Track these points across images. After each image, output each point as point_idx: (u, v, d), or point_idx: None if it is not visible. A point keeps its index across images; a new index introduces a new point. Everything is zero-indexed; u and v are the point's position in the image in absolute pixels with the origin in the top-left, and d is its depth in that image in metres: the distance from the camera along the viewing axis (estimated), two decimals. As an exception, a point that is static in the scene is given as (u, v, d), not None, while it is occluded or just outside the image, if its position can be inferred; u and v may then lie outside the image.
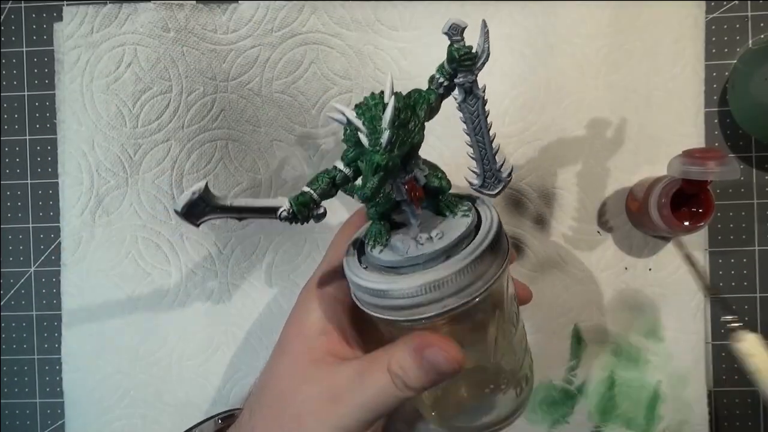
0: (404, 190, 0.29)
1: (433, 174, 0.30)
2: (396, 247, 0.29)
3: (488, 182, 0.30)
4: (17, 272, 0.48)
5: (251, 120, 0.45)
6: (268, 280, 0.46)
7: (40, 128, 0.47)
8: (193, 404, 0.46)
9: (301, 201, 0.28)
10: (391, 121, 0.27)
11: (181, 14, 0.44)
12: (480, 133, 0.29)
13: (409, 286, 0.27)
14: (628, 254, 0.45)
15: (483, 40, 0.28)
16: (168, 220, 0.46)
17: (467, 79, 0.28)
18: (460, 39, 0.27)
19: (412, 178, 0.29)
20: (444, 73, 0.28)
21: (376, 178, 0.27)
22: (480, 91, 0.28)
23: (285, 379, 0.31)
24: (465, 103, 0.29)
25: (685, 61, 0.44)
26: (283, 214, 0.28)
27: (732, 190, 0.45)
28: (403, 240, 0.29)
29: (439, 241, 0.28)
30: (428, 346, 0.27)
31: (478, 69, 0.28)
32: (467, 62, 0.28)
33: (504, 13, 0.44)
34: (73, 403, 0.46)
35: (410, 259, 0.28)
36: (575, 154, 0.45)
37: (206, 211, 0.26)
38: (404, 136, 0.27)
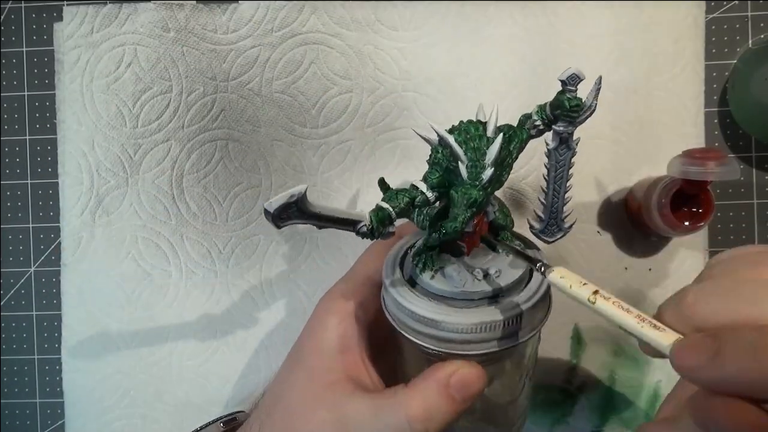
0: (473, 223, 0.28)
1: (500, 210, 0.30)
2: (451, 277, 0.28)
3: (549, 229, 0.30)
4: (17, 272, 0.48)
5: (251, 120, 0.45)
6: (268, 280, 0.46)
7: (40, 128, 0.48)
8: (193, 404, 0.46)
9: (380, 217, 0.27)
10: (496, 159, 0.26)
11: (181, 14, 0.44)
12: (560, 183, 0.29)
13: (464, 322, 0.26)
14: (628, 254, 0.45)
15: (593, 97, 0.27)
16: (168, 220, 0.46)
17: (567, 129, 0.28)
18: (574, 90, 0.27)
19: (483, 213, 0.28)
20: (543, 116, 0.28)
21: (469, 212, 0.26)
22: (574, 143, 0.28)
23: (298, 398, 0.30)
24: (556, 150, 0.28)
25: (685, 61, 0.44)
26: (363, 229, 0.27)
27: (732, 190, 0.45)
28: (459, 271, 0.28)
29: (496, 279, 0.28)
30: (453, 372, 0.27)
31: (580, 122, 0.28)
32: (573, 114, 0.27)
33: (504, 14, 0.44)
34: (73, 403, 0.46)
35: (466, 293, 0.28)
36: (575, 154, 0.45)
37: (294, 215, 0.25)
38: (500, 174, 0.27)
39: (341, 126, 0.45)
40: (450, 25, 0.44)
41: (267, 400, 0.33)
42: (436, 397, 0.26)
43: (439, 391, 0.26)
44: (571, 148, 0.28)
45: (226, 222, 0.46)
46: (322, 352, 0.30)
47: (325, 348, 0.30)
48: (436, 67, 0.45)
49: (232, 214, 0.45)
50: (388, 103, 0.45)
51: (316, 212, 0.25)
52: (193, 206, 0.45)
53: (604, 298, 0.23)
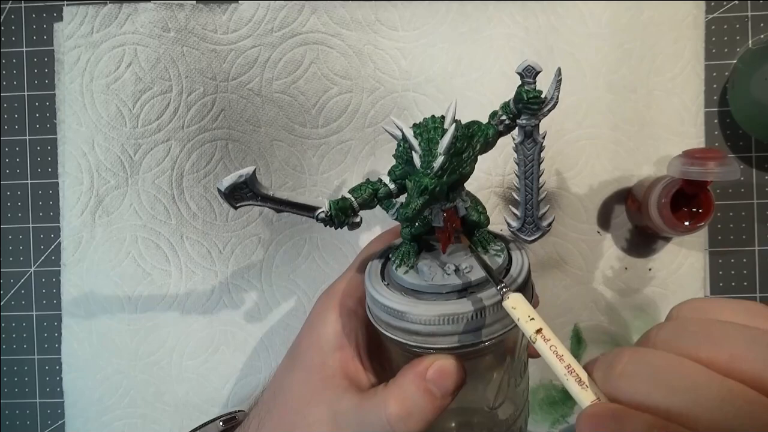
0: (442, 217, 0.29)
1: (473, 207, 0.30)
2: (422, 271, 0.29)
3: (527, 228, 0.30)
4: (17, 272, 0.48)
5: (251, 120, 0.45)
6: (268, 280, 0.46)
7: (40, 128, 0.48)
8: (193, 404, 0.46)
9: (341, 206, 0.28)
10: (447, 148, 0.27)
11: (181, 14, 0.44)
12: (530, 178, 0.29)
13: (427, 313, 0.26)
14: (628, 254, 0.45)
15: (554, 88, 0.27)
16: (168, 220, 0.46)
17: (530, 122, 0.28)
18: (532, 81, 0.27)
19: (452, 207, 0.29)
20: (507, 111, 0.28)
21: (421, 200, 0.27)
22: (540, 137, 0.28)
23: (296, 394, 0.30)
24: (522, 145, 0.28)
25: (685, 61, 0.44)
26: (321, 215, 0.28)
27: (732, 190, 0.45)
28: (431, 266, 0.29)
29: (466, 274, 0.28)
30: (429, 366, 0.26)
31: (543, 115, 0.28)
32: (534, 106, 0.27)
33: (504, 13, 0.44)
34: (73, 403, 0.46)
35: (434, 286, 0.28)
36: (575, 154, 0.45)
37: (248, 197, 0.27)
38: (456, 165, 0.27)
39: (341, 126, 0.45)
40: (450, 25, 0.44)
41: (266, 396, 0.33)
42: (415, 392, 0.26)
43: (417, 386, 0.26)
44: (537, 142, 0.28)
45: (226, 222, 0.46)
46: (320, 349, 0.31)
47: (323, 344, 0.31)
48: (436, 67, 0.45)
49: (232, 214, 0.45)
50: (388, 103, 0.45)
51: (269, 194, 0.27)
52: (193, 206, 0.45)
53: (544, 340, 0.23)
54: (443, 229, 0.29)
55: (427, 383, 0.26)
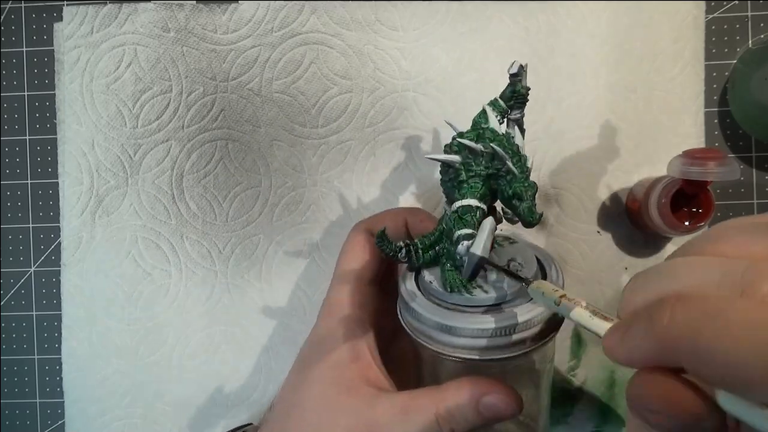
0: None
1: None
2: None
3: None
4: (17, 272, 0.48)
5: (251, 120, 0.45)
6: (268, 280, 0.46)
7: (40, 128, 0.47)
8: (193, 404, 0.46)
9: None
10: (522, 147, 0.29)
11: (181, 14, 0.44)
12: None
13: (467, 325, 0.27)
14: (628, 254, 0.45)
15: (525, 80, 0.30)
16: (168, 220, 0.46)
17: (522, 113, 0.30)
18: (520, 79, 0.30)
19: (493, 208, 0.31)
20: (500, 110, 0.30)
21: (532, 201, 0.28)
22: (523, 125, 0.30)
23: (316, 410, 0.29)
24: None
25: (685, 61, 0.44)
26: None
27: (732, 190, 0.45)
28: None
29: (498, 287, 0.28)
30: (487, 393, 0.26)
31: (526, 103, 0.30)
32: (522, 99, 0.30)
33: (504, 13, 0.44)
34: (73, 403, 0.46)
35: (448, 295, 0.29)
36: (575, 154, 0.45)
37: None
38: None
39: (341, 126, 0.45)
40: (450, 25, 0.44)
41: (278, 410, 0.31)
42: (467, 406, 0.26)
43: (470, 402, 0.26)
44: (524, 129, 0.30)
45: (226, 222, 0.46)
46: (334, 363, 0.30)
47: (337, 358, 0.30)
48: (436, 67, 0.45)
49: (232, 214, 0.45)
50: (388, 103, 0.45)
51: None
52: (193, 206, 0.45)
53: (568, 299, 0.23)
54: None
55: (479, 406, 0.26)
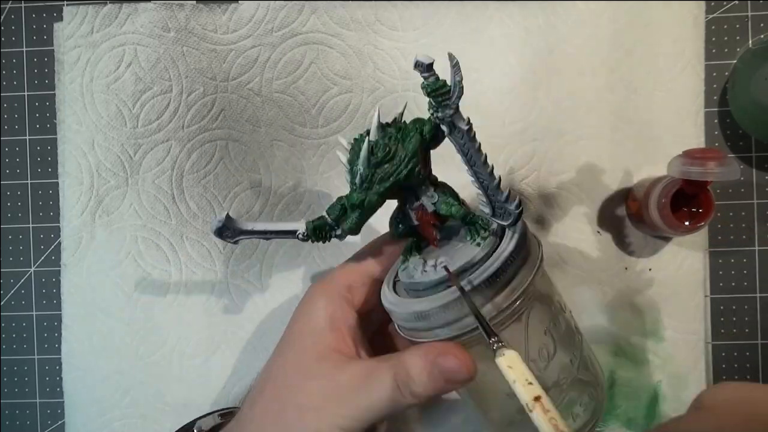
0: (414, 217, 0.30)
1: (443, 201, 0.30)
2: (410, 270, 0.30)
3: (499, 212, 0.29)
4: (17, 272, 0.48)
5: (251, 120, 0.45)
6: (268, 280, 0.46)
7: (40, 128, 0.47)
8: (193, 404, 0.46)
9: (316, 225, 0.31)
10: (364, 161, 0.28)
11: (181, 14, 0.44)
12: (475, 165, 0.28)
13: (403, 311, 0.28)
14: (628, 254, 0.45)
15: (453, 74, 0.27)
16: (168, 220, 0.46)
17: (445, 113, 0.27)
18: (428, 75, 0.27)
19: (419, 205, 0.30)
20: (429, 109, 0.28)
21: (354, 215, 0.29)
22: (463, 124, 0.27)
23: (289, 372, 0.30)
24: (452, 136, 0.28)
25: (685, 61, 0.44)
26: (300, 237, 0.31)
27: (732, 190, 0.45)
28: (416, 264, 0.30)
29: (441, 270, 0.28)
30: (440, 354, 0.27)
31: (455, 102, 0.27)
32: (438, 98, 0.27)
33: (504, 14, 0.44)
34: (73, 403, 0.46)
35: (413, 284, 0.29)
36: (575, 154, 0.45)
37: (234, 234, 0.31)
38: (384, 174, 0.29)
39: (341, 126, 0.45)
40: (450, 25, 0.44)
41: (258, 381, 0.33)
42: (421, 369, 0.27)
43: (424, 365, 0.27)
44: (461, 130, 0.27)
45: (226, 222, 0.46)
46: (312, 331, 0.31)
47: (316, 327, 0.31)
48: (436, 67, 0.44)
49: (232, 214, 0.45)
50: (388, 103, 0.45)
51: (249, 229, 0.31)
52: (193, 206, 0.45)
53: (543, 411, 0.21)
54: (421, 225, 0.31)
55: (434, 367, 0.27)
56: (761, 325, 0.45)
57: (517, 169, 0.45)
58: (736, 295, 0.45)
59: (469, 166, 0.28)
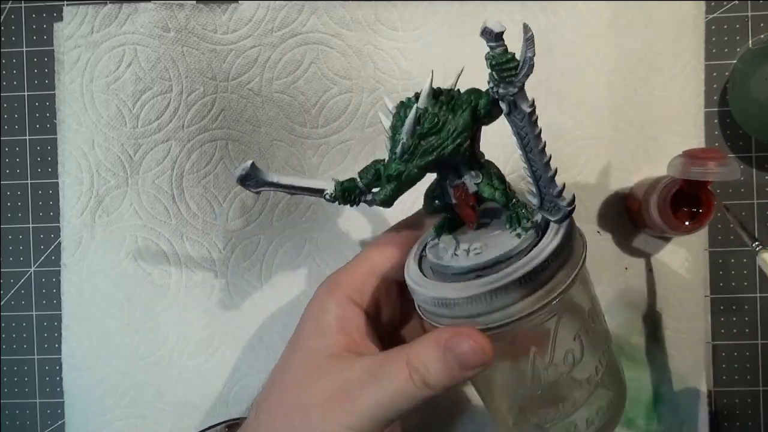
0: (452, 194, 0.28)
1: (486, 183, 0.27)
2: (439, 250, 0.28)
3: (548, 206, 0.26)
4: (17, 272, 0.48)
5: (251, 120, 0.45)
6: (268, 280, 0.46)
7: (40, 128, 0.47)
8: (193, 404, 0.46)
9: (346, 186, 0.28)
10: (409, 131, 0.26)
11: (181, 14, 0.44)
12: (531, 152, 0.25)
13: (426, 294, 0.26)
14: (628, 254, 0.45)
15: (525, 49, 0.24)
16: (168, 220, 0.46)
17: (507, 91, 0.24)
18: (495, 45, 0.24)
19: (461, 183, 0.27)
20: (490, 82, 0.25)
21: (390, 186, 0.27)
22: (526, 106, 0.25)
23: (297, 373, 0.29)
24: (510, 116, 0.25)
25: (685, 61, 0.44)
26: (327, 195, 0.29)
27: (732, 190, 0.45)
28: (448, 245, 0.28)
29: (473, 257, 0.26)
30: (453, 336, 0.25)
31: (521, 80, 0.24)
32: (503, 73, 0.24)
33: (504, 13, 0.44)
34: (73, 403, 0.46)
35: (440, 266, 0.27)
36: (575, 154, 0.45)
37: (257, 184, 0.28)
38: (428, 146, 0.26)
39: (341, 126, 0.45)
40: (450, 25, 0.44)
41: (265, 385, 0.32)
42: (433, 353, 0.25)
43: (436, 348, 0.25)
44: (524, 112, 0.25)
45: (226, 222, 0.46)
46: (322, 333, 0.29)
47: (325, 329, 0.29)
48: (436, 67, 0.44)
49: (232, 214, 0.45)
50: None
51: (274, 181, 0.28)
52: (193, 206, 0.45)
53: None
54: (459, 205, 0.28)
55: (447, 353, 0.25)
56: (761, 325, 0.45)
57: (517, 169, 0.45)
58: (736, 295, 0.45)
59: (524, 151, 0.25)
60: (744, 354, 0.45)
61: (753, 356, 0.45)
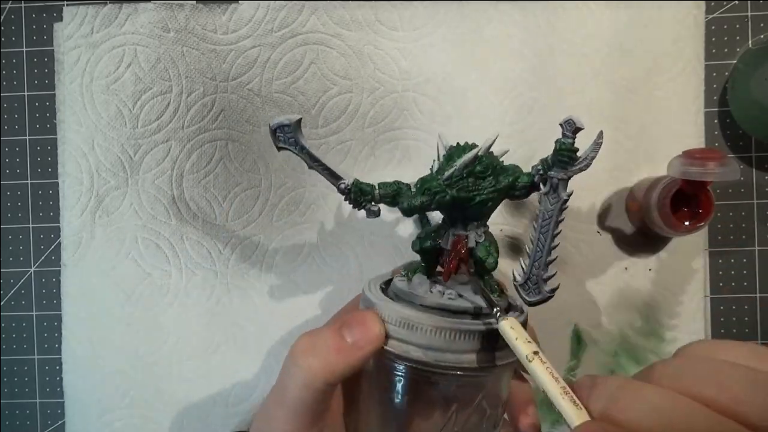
0: (450, 242, 0.30)
1: (485, 245, 0.30)
2: (413, 284, 0.30)
3: (529, 286, 0.29)
4: (17, 272, 0.48)
5: (251, 120, 0.45)
6: (268, 280, 0.46)
7: (40, 128, 0.48)
8: (193, 404, 0.46)
9: (362, 188, 0.30)
10: (464, 163, 0.28)
11: (181, 14, 0.44)
12: (545, 233, 0.29)
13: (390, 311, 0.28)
14: (628, 254, 0.45)
15: (591, 150, 0.28)
16: (168, 220, 0.46)
17: (557, 174, 0.28)
18: (569, 135, 0.28)
19: (464, 235, 0.30)
20: (544, 163, 0.29)
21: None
22: (564, 194, 0.28)
23: None
24: (546, 196, 0.29)
25: (685, 61, 0.44)
26: (342, 186, 0.30)
27: (732, 190, 0.45)
28: (422, 282, 0.30)
29: (447, 299, 0.28)
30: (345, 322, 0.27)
31: (573, 171, 0.28)
32: (565, 158, 0.28)
33: (504, 13, 0.44)
34: (73, 403, 0.46)
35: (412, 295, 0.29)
36: (575, 154, 0.45)
37: (289, 141, 0.30)
38: (470, 186, 0.29)
39: (341, 126, 0.45)
40: (450, 25, 0.44)
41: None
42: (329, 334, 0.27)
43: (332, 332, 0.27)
44: (560, 197, 0.28)
45: (226, 222, 0.46)
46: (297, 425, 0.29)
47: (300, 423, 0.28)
48: (436, 67, 0.45)
49: (232, 214, 0.45)
50: (388, 103, 0.45)
51: (306, 145, 0.30)
52: (193, 206, 0.45)
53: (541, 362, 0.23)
54: (449, 253, 0.30)
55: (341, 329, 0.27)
56: (761, 325, 0.45)
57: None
58: (736, 295, 0.45)
59: (539, 231, 0.29)
60: (744, 354, 0.45)
61: (753, 356, 0.45)
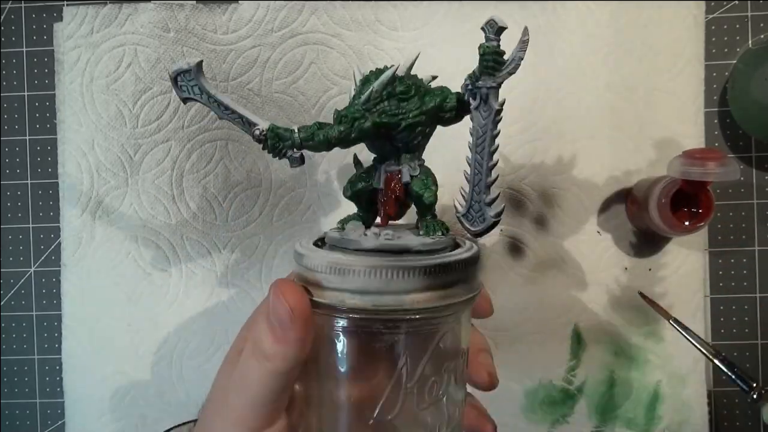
0: (383, 180, 0.27)
1: (421, 179, 0.27)
2: (346, 231, 0.27)
3: (472, 214, 0.26)
4: (17, 272, 0.48)
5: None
6: (268, 280, 0.46)
7: (40, 128, 0.47)
8: (193, 404, 0.46)
9: (279, 133, 0.27)
10: (383, 83, 0.26)
11: (181, 14, 0.44)
12: (481, 152, 0.25)
13: (318, 259, 0.24)
14: (628, 254, 0.45)
15: (518, 49, 0.25)
16: (168, 220, 0.46)
17: (485, 83, 0.25)
18: (493, 38, 0.25)
19: (397, 171, 0.27)
20: (471, 77, 0.25)
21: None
22: (495, 104, 0.25)
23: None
24: (477, 110, 0.25)
25: (685, 61, 0.44)
26: (256, 133, 0.28)
27: (732, 190, 0.45)
28: (356, 227, 0.28)
29: (383, 240, 0.25)
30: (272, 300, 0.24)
31: (502, 77, 0.25)
32: (490, 63, 0.25)
33: (504, 13, 0.44)
34: (73, 403, 0.46)
35: (344, 240, 0.26)
36: (575, 154, 0.45)
37: (194, 90, 0.27)
38: (392, 110, 0.26)
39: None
40: (450, 25, 0.44)
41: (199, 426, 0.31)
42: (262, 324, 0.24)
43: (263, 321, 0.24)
44: (492, 108, 0.25)
45: (226, 222, 0.46)
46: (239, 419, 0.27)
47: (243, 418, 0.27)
48: (436, 67, 0.44)
49: (232, 214, 0.45)
50: (388, 103, 0.45)
51: (212, 92, 0.27)
52: (193, 206, 0.45)
53: None
54: (383, 193, 0.27)
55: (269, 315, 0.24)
56: (761, 325, 0.45)
57: (517, 169, 0.45)
58: (736, 295, 0.45)
59: (475, 151, 0.25)
60: (744, 354, 0.45)
61: (753, 356, 0.45)
